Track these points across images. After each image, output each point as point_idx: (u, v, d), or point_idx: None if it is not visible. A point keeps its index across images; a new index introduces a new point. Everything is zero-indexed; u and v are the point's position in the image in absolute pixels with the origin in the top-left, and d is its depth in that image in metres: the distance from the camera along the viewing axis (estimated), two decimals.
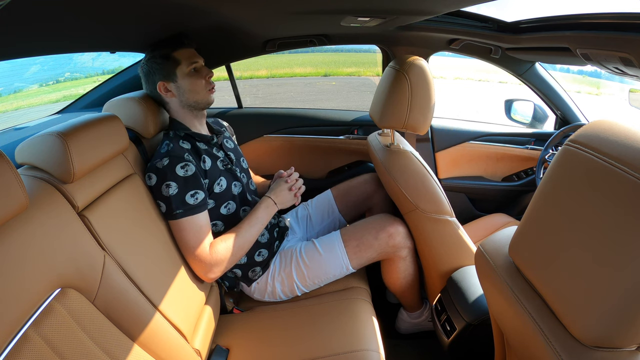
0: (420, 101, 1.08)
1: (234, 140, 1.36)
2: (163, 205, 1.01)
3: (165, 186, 0.99)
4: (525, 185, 1.71)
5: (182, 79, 1.09)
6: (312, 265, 1.18)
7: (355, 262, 1.19)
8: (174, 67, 1.08)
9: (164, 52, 1.08)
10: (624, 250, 0.44)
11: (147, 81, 1.12)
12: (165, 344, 0.85)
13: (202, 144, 1.13)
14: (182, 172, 1.00)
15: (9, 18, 0.61)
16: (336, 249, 1.18)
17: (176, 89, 1.10)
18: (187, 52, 1.10)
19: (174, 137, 1.09)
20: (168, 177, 0.99)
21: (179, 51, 1.08)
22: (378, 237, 1.17)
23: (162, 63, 1.08)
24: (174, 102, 1.11)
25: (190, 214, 1.00)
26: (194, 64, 1.10)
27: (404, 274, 1.23)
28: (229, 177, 1.14)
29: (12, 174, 0.58)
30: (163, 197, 1.00)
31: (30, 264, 0.62)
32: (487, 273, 0.69)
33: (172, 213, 1.00)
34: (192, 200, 1.01)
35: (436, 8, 1.05)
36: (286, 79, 12.44)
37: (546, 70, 1.64)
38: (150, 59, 1.09)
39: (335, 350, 0.96)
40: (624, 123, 0.52)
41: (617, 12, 0.87)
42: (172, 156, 1.01)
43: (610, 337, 0.46)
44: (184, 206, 1.00)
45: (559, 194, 0.55)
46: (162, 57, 1.08)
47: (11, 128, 1.33)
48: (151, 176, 1.01)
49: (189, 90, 1.10)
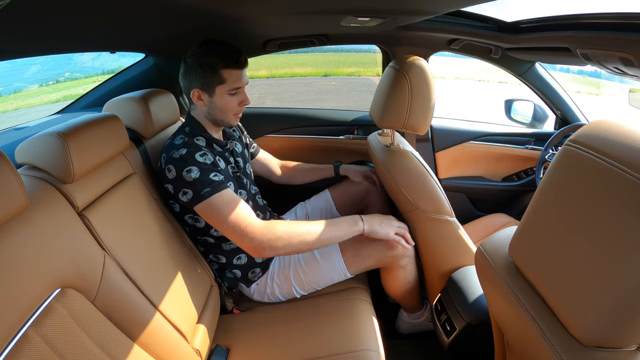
0: (420, 101, 1.08)
1: (245, 137, 1.35)
2: (189, 192, 0.96)
3: (186, 172, 0.96)
4: (525, 185, 1.70)
5: (219, 97, 1.05)
6: (310, 272, 1.17)
7: (354, 269, 1.17)
8: (217, 83, 1.03)
9: (213, 63, 1.01)
10: (624, 251, 0.44)
11: (184, 77, 1.07)
12: (165, 344, 0.85)
13: (217, 147, 1.12)
14: (202, 159, 0.99)
15: (9, 18, 0.61)
16: (334, 257, 1.16)
17: (208, 102, 1.06)
18: (236, 74, 1.04)
19: (189, 133, 1.07)
20: (188, 163, 0.97)
21: (228, 70, 1.02)
22: (377, 248, 1.14)
23: (206, 73, 1.02)
24: (201, 109, 1.09)
25: (219, 189, 0.97)
26: (237, 88, 1.05)
27: (403, 282, 1.22)
28: (236, 184, 1.13)
29: (12, 174, 0.58)
30: (187, 183, 0.96)
31: (30, 264, 0.62)
32: (487, 273, 0.69)
33: (200, 194, 0.96)
34: (217, 178, 0.98)
35: (436, 8, 1.05)
36: (286, 79, 12.43)
37: (546, 70, 1.64)
38: (198, 61, 1.02)
39: (335, 350, 0.96)
40: (624, 123, 0.52)
41: (617, 12, 0.87)
42: (189, 145, 1.00)
43: (611, 337, 0.46)
44: (211, 184, 0.96)
45: (559, 194, 0.55)
46: (209, 67, 1.01)
47: (11, 128, 1.33)
48: (170, 168, 0.98)
49: (220, 109, 1.06)
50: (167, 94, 1.25)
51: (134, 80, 1.55)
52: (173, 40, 1.22)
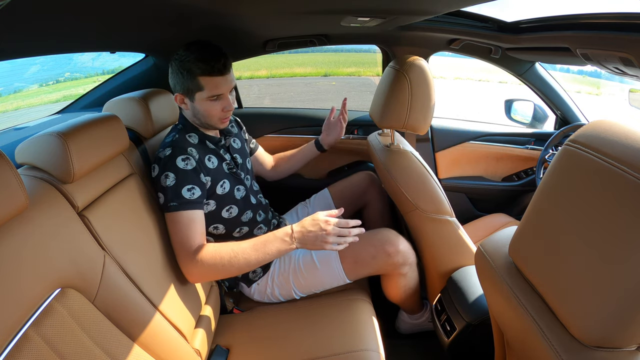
0: (420, 101, 1.08)
1: (242, 135, 1.33)
2: (161, 196, 0.99)
3: (164, 177, 0.98)
4: (525, 185, 1.70)
5: (199, 103, 1.02)
6: (308, 277, 1.16)
7: (352, 276, 1.16)
8: (196, 90, 1.01)
9: (192, 69, 0.98)
10: (624, 251, 0.44)
11: (170, 79, 1.05)
12: (165, 344, 0.85)
13: (210, 144, 1.12)
14: (183, 164, 0.99)
15: (9, 18, 0.61)
16: (332, 264, 1.15)
17: (191, 107, 1.05)
18: (215, 81, 0.99)
19: (182, 129, 1.07)
20: (168, 167, 0.98)
21: (206, 77, 0.99)
22: (376, 256, 1.12)
23: (186, 78, 1.00)
24: (186, 112, 1.09)
25: (184, 208, 0.97)
26: (216, 96, 1.02)
27: (404, 289, 1.20)
28: (232, 180, 1.13)
29: (12, 174, 0.58)
30: (161, 187, 0.98)
31: (30, 264, 0.62)
32: (487, 273, 0.69)
33: (167, 205, 0.97)
34: (188, 195, 0.98)
35: (436, 8, 1.05)
36: (286, 79, 12.42)
37: (546, 70, 1.64)
38: (179, 65, 1.00)
39: (335, 350, 0.96)
40: (624, 123, 0.52)
41: (617, 12, 0.86)
42: (175, 147, 1.00)
43: (611, 337, 0.46)
44: (179, 199, 0.97)
45: (559, 194, 0.55)
46: (188, 73, 0.99)
47: (11, 128, 1.33)
48: (155, 167, 1.00)
49: (203, 114, 1.04)
50: (167, 94, 1.25)
51: (134, 80, 1.55)
52: (173, 40, 1.22)
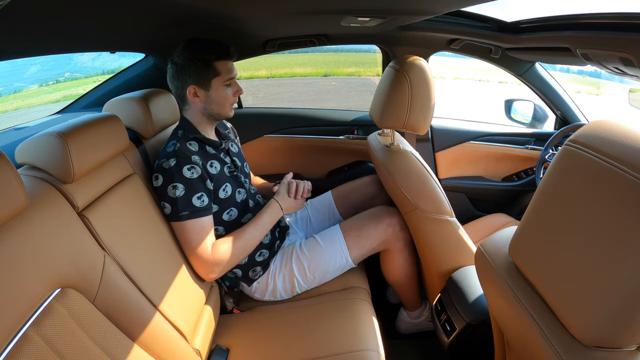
0: (420, 101, 1.08)
1: (237, 142, 1.36)
2: (168, 207, 1.01)
3: (172, 187, 0.99)
4: (525, 185, 1.70)
5: (215, 90, 1.06)
6: (311, 257, 1.19)
7: (355, 252, 1.20)
8: (212, 76, 1.05)
9: (206, 58, 1.03)
10: (624, 251, 0.44)
11: (176, 78, 1.07)
12: (165, 344, 0.85)
13: (211, 149, 1.13)
14: (189, 173, 1.00)
15: (9, 18, 0.61)
16: (336, 240, 1.20)
17: (205, 97, 1.07)
18: (229, 65, 1.07)
19: (182, 137, 1.08)
20: (175, 178, 0.99)
21: (221, 62, 1.05)
22: (377, 226, 1.20)
23: (200, 68, 1.04)
24: (197, 106, 1.09)
25: (196, 216, 1.01)
26: (231, 79, 1.08)
27: (402, 267, 1.26)
28: (234, 184, 1.14)
29: (12, 174, 0.58)
30: (169, 198, 1.00)
31: (30, 264, 0.62)
32: (487, 273, 0.69)
33: (178, 215, 1.00)
34: (199, 203, 1.01)
35: (436, 8, 1.05)
36: (286, 79, 12.42)
37: (546, 70, 1.64)
38: (189, 59, 1.04)
39: (335, 350, 0.96)
40: (624, 123, 0.52)
41: (617, 12, 0.87)
42: (179, 157, 1.01)
43: (611, 337, 0.46)
44: (191, 208, 1.00)
45: (559, 194, 0.55)
46: (202, 62, 1.03)
47: (11, 128, 1.33)
48: (158, 177, 1.01)
49: (217, 102, 1.08)
50: (167, 94, 1.25)
51: (134, 80, 1.55)
52: (173, 40, 1.22)
